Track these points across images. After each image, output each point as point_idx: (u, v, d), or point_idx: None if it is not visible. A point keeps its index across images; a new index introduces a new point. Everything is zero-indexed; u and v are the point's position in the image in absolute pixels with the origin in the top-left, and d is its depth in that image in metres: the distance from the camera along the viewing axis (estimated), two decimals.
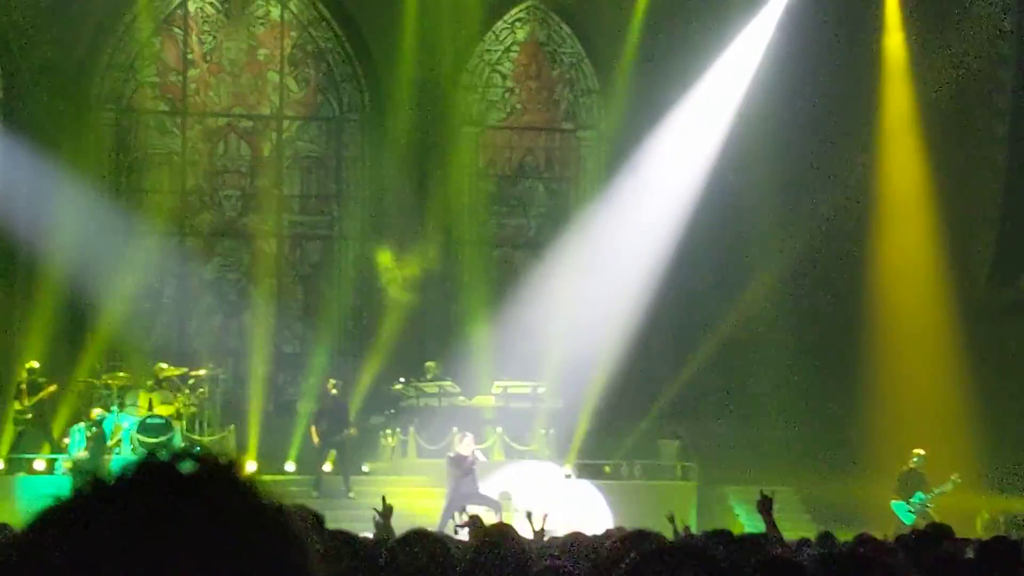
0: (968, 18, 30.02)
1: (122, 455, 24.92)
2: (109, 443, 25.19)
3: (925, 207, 30.48)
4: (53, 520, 1.51)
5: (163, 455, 1.54)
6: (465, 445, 22.46)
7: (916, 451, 25.18)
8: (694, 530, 19.05)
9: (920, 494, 24.64)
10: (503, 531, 7.27)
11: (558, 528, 13.85)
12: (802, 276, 30.19)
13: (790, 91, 29.63)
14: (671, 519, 16.84)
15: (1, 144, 28.42)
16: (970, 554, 8.91)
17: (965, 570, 8.02)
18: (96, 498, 1.51)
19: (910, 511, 24.44)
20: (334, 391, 25.98)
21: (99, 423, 25.11)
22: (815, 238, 30.10)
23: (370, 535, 10.74)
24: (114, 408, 25.71)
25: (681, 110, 30.39)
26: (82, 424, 25.32)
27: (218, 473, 1.53)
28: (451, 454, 22.88)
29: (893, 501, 24.89)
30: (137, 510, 1.49)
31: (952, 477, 24.57)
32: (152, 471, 1.53)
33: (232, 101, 31.27)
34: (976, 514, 25.18)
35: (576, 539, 9.34)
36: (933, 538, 10.53)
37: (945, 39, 29.94)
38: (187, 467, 1.52)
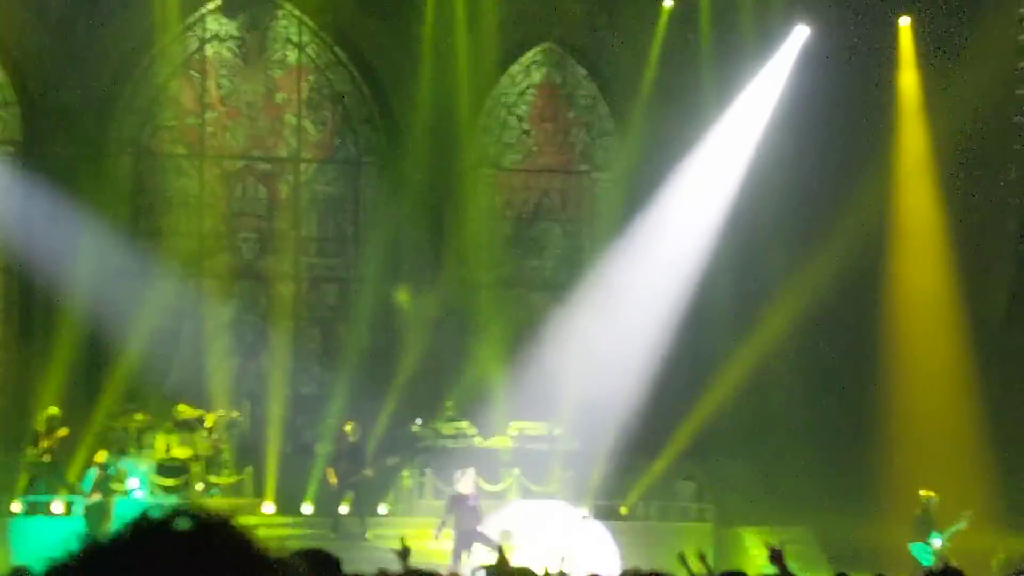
0: (983, 57, 30.05)
1: (129, 499, 24.97)
2: (115, 486, 25.23)
3: (941, 246, 30.48)
4: None
5: (156, 513, 1.55)
6: (465, 483, 22.42)
7: (923, 493, 25.11)
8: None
9: (935, 534, 24.54)
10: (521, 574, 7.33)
11: (572, 570, 13.89)
12: (819, 315, 30.12)
13: (807, 130, 29.66)
14: (683, 560, 16.84)
15: (20, 187, 28.55)
16: None
17: None
18: (93, 561, 1.53)
19: (929, 552, 24.35)
20: (351, 433, 26.01)
21: (105, 467, 25.13)
22: (831, 277, 30.04)
23: None
24: (119, 455, 25.75)
25: (697, 150, 30.42)
26: (95, 469, 25.39)
27: (213, 529, 1.55)
28: (452, 493, 22.82)
29: (911, 543, 24.81)
30: (135, 572, 1.50)
31: (965, 514, 24.50)
32: (148, 530, 1.54)
33: (249, 144, 31.40)
34: (992, 554, 25.08)
35: None
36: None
37: (960, 78, 29.96)
38: (183, 524, 1.54)
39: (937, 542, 24.46)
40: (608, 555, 24.03)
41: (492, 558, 20.68)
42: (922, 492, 25.10)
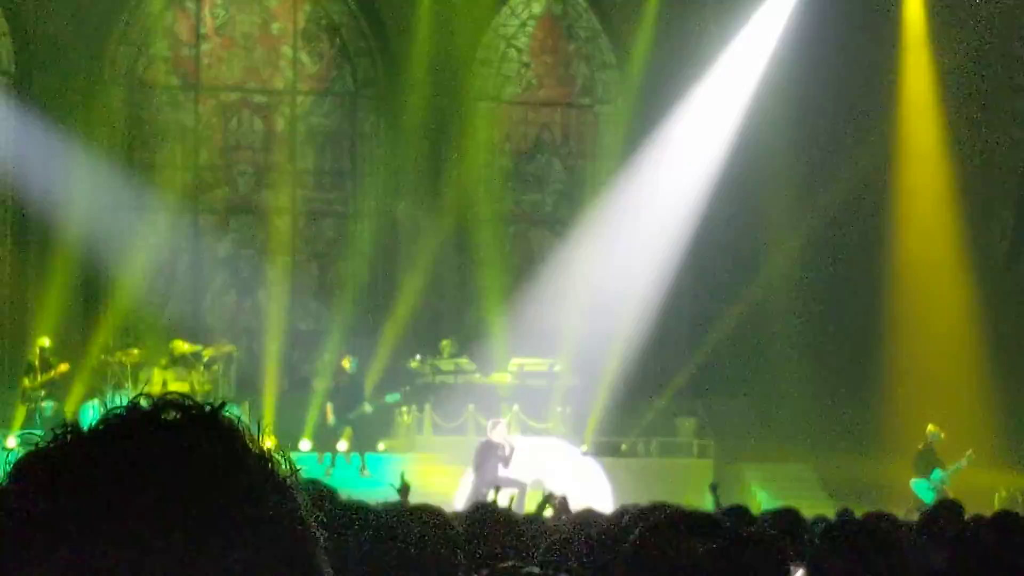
0: None
1: None
2: None
3: (944, 185, 30.28)
4: (33, 469, 1.48)
5: (146, 403, 1.51)
6: (498, 432, 22.17)
7: (930, 428, 25.10)
8: (711, 508, 18.93)
9: (938, 471, 24.54)
10: (500, 511, 7.16)
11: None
12: (820, 253, 29.99)
13: (810, 65, 29.39)
14: (714, 490, 16.71)
15: (13, 118, 28.32)
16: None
17: (980, 547, 7.78)
18: (76, 445, 1.49)
19: (930, 489, 24.34)
20: (349, 368, 25.90)
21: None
22: (834, 215, 29.92)
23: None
24: (114, 391, 25.67)
25: (700, 85, 30.20)
26: (94, 402, 25.30)
27: (203, 420, 1.51)
28: (483, 439, 22.58)
29: (912, 480, 24.80)
30: (118, 455, 1.46)
31: (967, 453, 24.55)
32: (135, 420, 1.49)
33: (245, 76, 31.11)
34: (994, 491, 25.05)
35: (589, 515, 9.21)
36: (946, 516, 10.36)
37: (967, 13, 29.66)
38: (171, 415, 1.49)
39: (938, 479, 24.45)
40: (602, 491, 23.95)
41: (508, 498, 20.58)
42: (929, 427, 25.07)
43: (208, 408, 1.53)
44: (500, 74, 32.15)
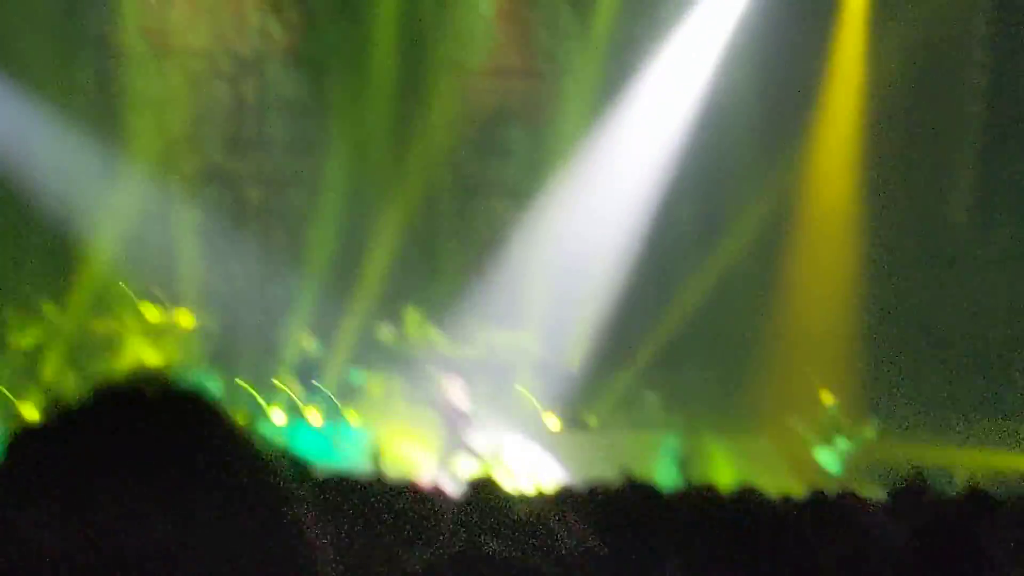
0: None
1: None
2: None
3: (904, 155, 30.41)
4: (26, 445, 1.53)
5: (130, 379, 1.56)
6: (452, 391, 22.46)
7: (826, 396, 25.21)
8: (678, 482, 19.25)
9: (843, 439, 24.70)
10: (488, 484, 7.33)
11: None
12: (786, 222, 30.14)
13: (777, 29, 29.39)
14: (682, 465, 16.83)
15: None
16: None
17: (945, 525, 8.09)
18: (57, 425, 1.53)
19: (837, 458, 24.53)
20: (309, 346, 25.85)
21: None
22: (799, 182, 30.09)
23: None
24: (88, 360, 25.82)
25: (663, 52, 30.24)
26: None
27: (183, 398, 1.55)
28: (438, 400, 22.87)
29: (815, 449, 24.84)
30: (105, 430, 1.51)
31: (869, 421, 24.71)
32: (115, 396, 1.55)
33: (214, 43, 31.07)
34: (952, 469, 25.33)
35: (567, 492, 9.45)
36: (911, 494, 10.61)
37: None
38: (152, 392, 1.55)
39: (845, 448, 24.63)
40: (550, 466, 24.15)
41: (476, 470, 20.85)
42: (824, 395, 25.22)
43: (188, 384, 1.57)
44: (464, 43, 32.13)
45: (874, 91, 30.18)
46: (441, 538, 5.39)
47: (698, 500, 9.33)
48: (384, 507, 5.55)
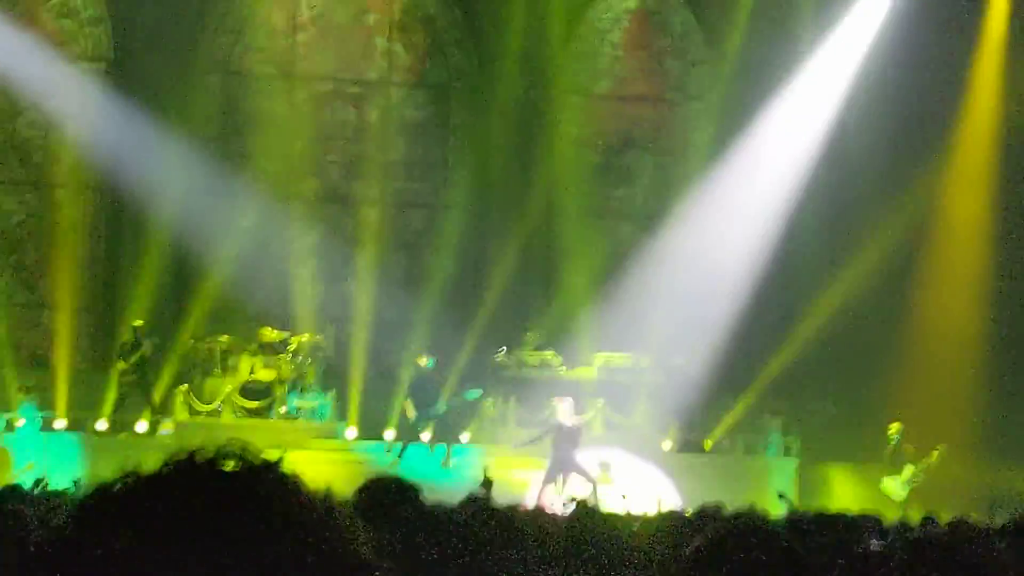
0: None
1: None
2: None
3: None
4: (98, 510, 1.50)
5: (203, 455, 1.52)
6: (562, 412, 22.33)
7: (895, 426, 25.30)
8: (790, 509, 18.80)
9: (910, 468, 24.78)
10: (591, 513, 7.15)
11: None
12: (909, 250, 29.62)
13: (905, 62, 29.05)
14: (782, 496, 16.65)
15: (110, 104, 28.62)
16: None
17: None
18: (140, 491, 1.50)
19: (903, 486, 24.66)
20: (425, 366, 25.75)
21: None
22: (927, 213, 29.59)
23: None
24: (202, 376, 26.02)
25: (792, 83, 29.98)
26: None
27: (260, 471, 1.53)
28: (552, 421, 22.75)
29: (884, 478, 25.00)
30: (178, 501, 1.48)
31: (938, 448, 24.65)
32: (193, 467, 1.52)
33: (339, 66, 31.26)
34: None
35: (671, 518, 9.18)
36: None
37: None
38: (229, 464, 1.52)
39: (910, 476, 24.78)
40: (668, 490, 23.85)
41: (586, 490, 20.60)
42: (894, 425, 25.36)
43: (266, 459, 1.54)
44: (592, 68, 32.09)
45: (1012, 115, 29.57)
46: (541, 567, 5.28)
47: (804, 528, 9.00)
48: (487, 537, 5.43)
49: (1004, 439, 26.58)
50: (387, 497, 5.35)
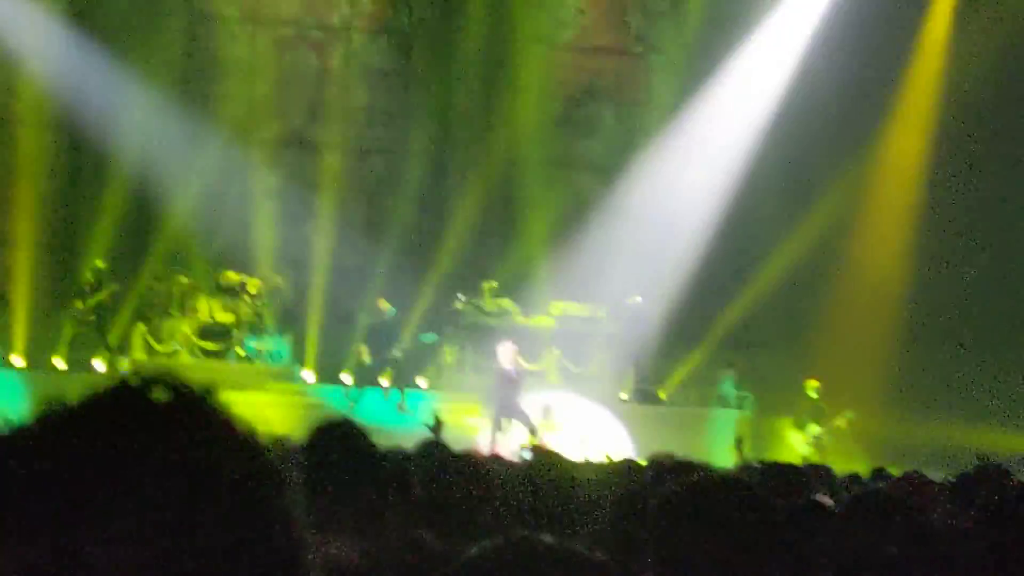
0: None
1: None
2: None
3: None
4: (15, 447, 1.46)
5: (134, 380, 1.49)
6: (503, 356, 22.38)
7: (810, 382, 25.83)
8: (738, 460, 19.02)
9: (815, 426, 25.31)
10: (552, 457, 7.28)
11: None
12: (867, 205, 29.81)
13: (871, 16, 29.08)
14: (739, 444, 16.86)
15: (71, 46, 28.49)
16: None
17: (1017, 515, 7.80)
18: (59, 423, 1.47)
19: (807, 444, 25.17)
20: (386, 311, 25.88)
21: None
22: (880, 170, 29.76)
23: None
24: (160, 317, 26.09)
25: (754, 36, 30.06)
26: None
27: (193, 403, 1.49)
28: (494, 367, 22.83)
29: (790, 433, 25.65)
30: (102, 434, 1.44)
31: (844, 413, 25.26)
32: (122, 397, 1.49)
33: (302, 11, 31.16)
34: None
35: (626, 466, 9.34)
36: (985, 480, 10.28)
37: None
38: (159, 395, 1.48)
39: (815, 434, 25.33)
40: (622, 439, 24.04)
41: (523, 436, 20.73)
42: (810, 383, 25.88)
43: (199, 391, 1.51)
44: (555, 18, 32.06)
45: (954, 91, 29.70)
46: (492, 517, 5.33)
47: (750, 481, 9.17)
48: (440, 481, 5.49)
49: (915, 399, 26.97)
50: (337, 442, 5.41)
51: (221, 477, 1.45)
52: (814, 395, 25.89)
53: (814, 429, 25.56)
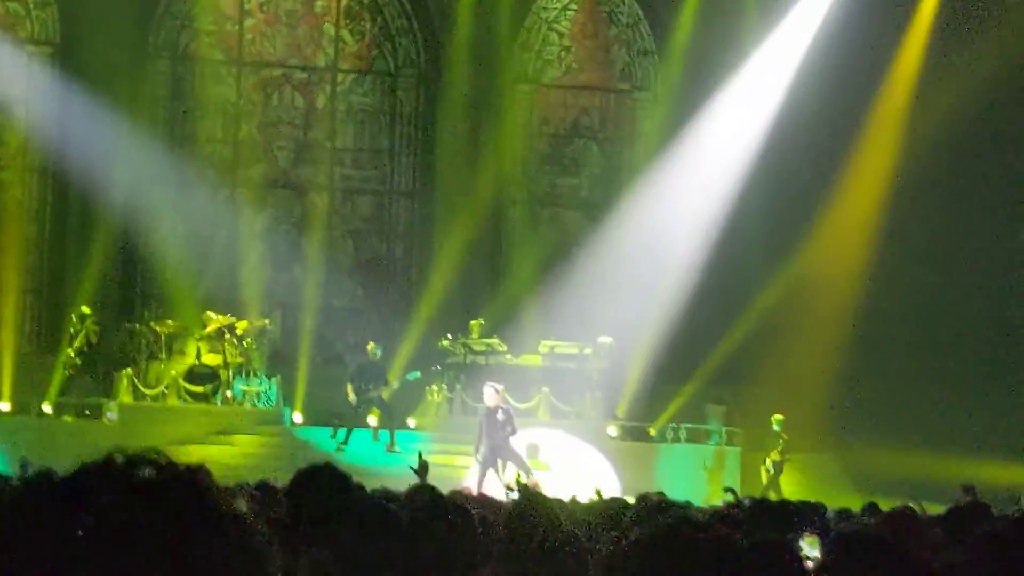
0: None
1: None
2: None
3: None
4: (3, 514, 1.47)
5: (120, 460, 1.49)
6: (489, 395, 22.28)
7: (775, 416, 26.07)
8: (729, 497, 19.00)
9: (775, 454, 25.86)
10: (535, 498, 7.25)
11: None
12: (855, 241, 29.85)
13: (848, 57, 29.23)
14: (731, 493, 16.76)
15: (57, 90, 28.51)
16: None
17: (1006, 548, 7.75)
18: (46, 493, 1.48)
19: (765, 471, 25.60)
20: (374, 353, 25.79)
21: None
22: (872, 203, 29.79)
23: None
24: (148, 361, 26.00)
25: (738, 74, 30.15)
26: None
27: (177, 480, 1.49)
28: (483, 409, 22.75)
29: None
30: (87, 509, 1.45)
31: (788, 455, 25.84)
32: (109, 472, 1.48)
33: (287, 52, 31.25)
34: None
35: (614, 505, 9.31)
36: (972, 514, 10.26)
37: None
38: (146, 471, 1.49)
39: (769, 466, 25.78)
40: (609, 475, 23.96)
41: (523, 476, 20.65)
42: (775, 416, 26.13)
43: (184, 467, 1.50)
44: (540, 57, 32.19)
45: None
46: (480, 558, 5.30)
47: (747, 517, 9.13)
48: (425, 523, 5.47)
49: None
50: (320, 486, 5.39)
51: (205, 556, 1.44)
52: (777, 427, 26.06)
53: (772, 457, 25.86)
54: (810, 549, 5.30)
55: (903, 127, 30.04)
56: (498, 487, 18.61)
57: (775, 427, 26.08)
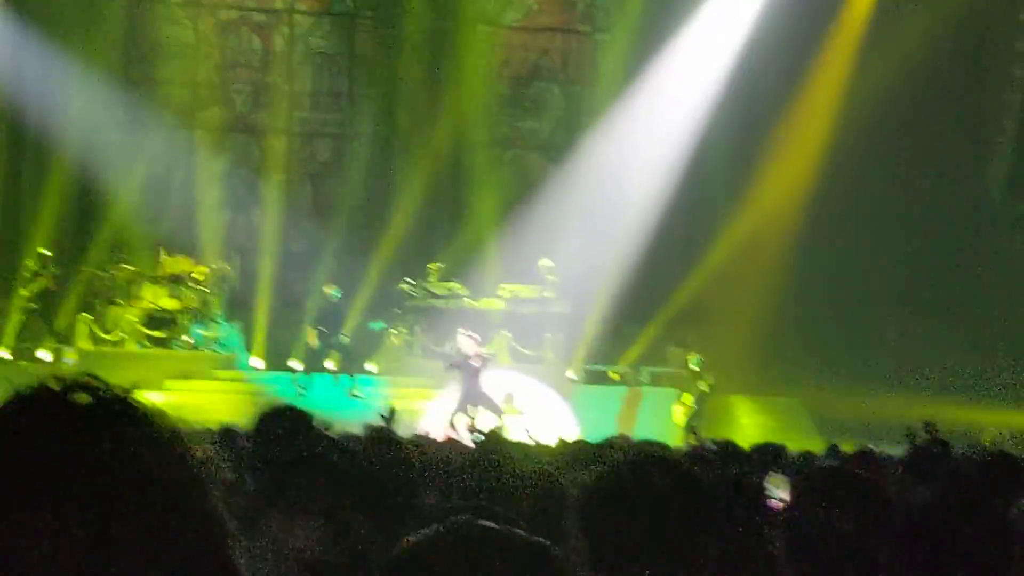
0: None
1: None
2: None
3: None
4: None
5: (55, 384, 1.46)
6: (468, 345, 22.38)
7: (691, 355, 25.83)
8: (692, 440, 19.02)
9: (689, 396, 25.46)
10: (499, 443, 7.21)
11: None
12: (815, 182, 29.84)
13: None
14: (693, 431, 16.79)
15: (11, 34, 28.16)
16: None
17: (966, 485, 7.75)
18: None
19: (683, 413, 25.28)
20: (332, 296, 25.72)
21: None
22: (829, 141, 29.77)
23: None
24: (105, 305, 25.86)
25: (700, 14, 30.04)
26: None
27: (113, 405, 1.47)
28: (458, 355, 22.80)
29: (674, 405, 25.67)
30: (21, 437, 1.42)
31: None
32: (42, 400, 1.46)
33: None
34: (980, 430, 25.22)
35: (577, 448, 9.27)
36: (933, 453, 10.28)
37: None
38: (82, 398, 1.46)
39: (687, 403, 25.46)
40: (567, 421, 23.96)
41: (494, 421, 20.71)
42: (690, 355, 25.90)
43: (121, 393, 1.48)
44: None
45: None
46: (445, 503, 5.26)
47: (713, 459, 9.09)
48: (392, 466, 5.41)
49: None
50: (282, 427, 5.32)
51: (142, 478, 1.42)
52: (695, 366, 25.63)
53: (688, 399, 25.45)
54: (775, 489, 5.21)
55: (857, 65, 30.01)
56: (467, 433, 18.63)
57: (693, 366, 25.68)
